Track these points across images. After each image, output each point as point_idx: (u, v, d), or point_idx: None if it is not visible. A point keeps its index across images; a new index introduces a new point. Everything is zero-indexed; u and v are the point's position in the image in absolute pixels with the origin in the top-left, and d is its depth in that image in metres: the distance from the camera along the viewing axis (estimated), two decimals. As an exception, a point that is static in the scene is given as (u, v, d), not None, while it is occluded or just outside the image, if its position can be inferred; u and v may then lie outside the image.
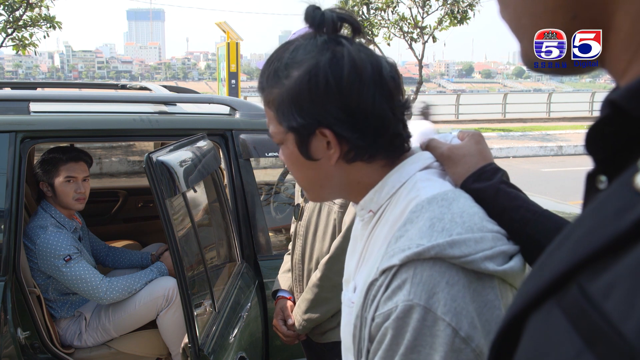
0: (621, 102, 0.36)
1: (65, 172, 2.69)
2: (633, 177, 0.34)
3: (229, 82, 12.06)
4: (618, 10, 0.39)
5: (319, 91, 0.85)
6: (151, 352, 2.73)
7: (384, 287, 0.82)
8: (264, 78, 0.92)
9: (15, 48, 11.12)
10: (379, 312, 0.82)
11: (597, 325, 0.32)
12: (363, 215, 0.96)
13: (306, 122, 0.87)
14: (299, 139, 0.89)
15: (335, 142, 0.88)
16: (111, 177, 5.36)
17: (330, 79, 0.85)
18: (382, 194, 0.93)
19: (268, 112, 0.93)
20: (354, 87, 0.85)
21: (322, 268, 1.81)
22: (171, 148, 1.88)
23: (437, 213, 0.82)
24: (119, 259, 3.15)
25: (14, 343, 2.11)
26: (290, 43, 0.91)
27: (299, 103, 0.87)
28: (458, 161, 0.96)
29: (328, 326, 1.87)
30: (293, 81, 0.87)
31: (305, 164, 0.92)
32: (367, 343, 0.86)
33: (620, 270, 0.32)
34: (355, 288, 0.95)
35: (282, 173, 3.72)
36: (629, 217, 0.33)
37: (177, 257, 1.69)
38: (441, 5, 14.73)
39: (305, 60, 0.87)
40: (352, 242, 1.08)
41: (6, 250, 2.17)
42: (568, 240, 0.40)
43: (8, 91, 3.16)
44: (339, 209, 1.79)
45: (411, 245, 0.80)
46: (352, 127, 0.86)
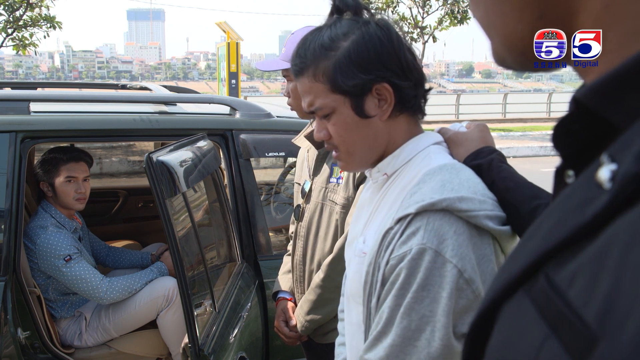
0: (584, 100, 0.37)
1: (66, 172, 2.69)
2: (596, 171, 0.35)
3: (229, 82, 12.06)
4: (581, 10, 0.41)
5: (377, 50, 1.00)
6: (151, 352, 2.73)
7: (399, 233, 0.94)
8: (306, 57, 1.05)
9: (15, 48, 11.12)
10: (394, 255, 0.95)
11: (561, 312, 0.33)
12: (377, 178, 1.10)
13: (369, 78, 1.01)
14: (354, 100, 1.03)
15: (390, 94, 1.02)
16: (111, 177, 5.36)
17: (384, 40, 1.01)
18: (399, 159, 1.07)
19: (315, 86, 1.05)
20: (400, 48, 1.02)
21: (325, 269, 1.80)
22: (171, 148, 1.88)
23: (447, 177, 0.96)
24: (119, 259, 3.15)
25: (14, 343, 2.11)
26: (317, 29, 1.07)
27: (360, 63, 1.01)
28: (461, 144, 1.11)
29: (330, 327, 1.86)
30: (347, 48, 1.01)
31: (358, 125, 1.05)
32: (379, 286, 0.97)
33: (583, 259, 0.34)
34: (365, 240, 1.07)
35: (282, 173, 3.72)
36: (590, 209, 0.34)
37: (177, 257, 1.69)
38: (441, 5, 14.74)
39: (350, 32, 1.02)
40: (358, 210, 1.21)
41: (6, 250, 2.17)
42: (537, 232, 0.41)
43: (8, 91, 3.16)
44: (340, 210, 1.79)
45: (425, 198, 0.93)
46: (405, 78, 1.02)
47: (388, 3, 14.67)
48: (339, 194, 1.79)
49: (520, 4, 0.44)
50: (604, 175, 0.34)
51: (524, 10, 0.44)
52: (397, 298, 0.93)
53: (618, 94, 0.35)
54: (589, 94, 0.37)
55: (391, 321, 0.94)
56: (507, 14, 0.45)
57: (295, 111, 1.92)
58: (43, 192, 2.72)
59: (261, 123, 2.72)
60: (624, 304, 0.29)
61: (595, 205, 0.34)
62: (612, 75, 0.35)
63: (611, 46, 0.39)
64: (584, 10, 0.40)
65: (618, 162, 0.33)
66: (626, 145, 0.33)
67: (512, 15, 0.45)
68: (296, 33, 1.90)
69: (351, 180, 1.77)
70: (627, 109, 0.34)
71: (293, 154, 2.75)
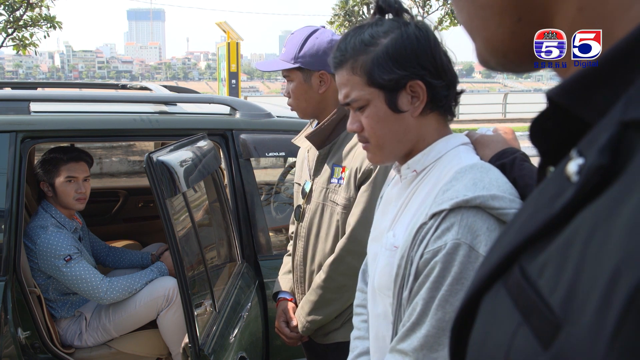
0: (555, 98, 0.39)
1: (66, 172, 2.69)
2: (565, 166, 0.37)
3: (229, 82, 12.06)
4: (557, 13, 0.42)
5: (414, 48, 1.05)
6: (151, 352, 2.73)
7: (433, 228, 0.98)
8: (346, 51, 1.10)
9: (15, 48, 11.13)
10: (428, 249, 0.98)
11: (532, 300, 0.35)
12: (407, 174, 1.13)
13: (405, 73, 1.05)
14: (388, 94, 1.08)
15: (423, 92, 1.06)
16: (111, 177, 5.36)
17: (422, 40, 1.06)
18: (429, 157, 1.11)
19: (352, 79, 1.10)
20: (436, 49, 1.07)
21: (327, 270, 1.79)
22: (171, 148, 1.88)
23: (478, 175, 1.00)
24: (119, 259, 3.15)
25: (14, 343, 2.11)
26: (359, 27, 1.12)
27: (397, 59, 1.05)
28: (487, 145, 1.16)
29: (331, 327, 1.86)
30: (386, 44, 1.06)
31: (390, 119, 1.09)
32: (412, 279, 1.01)
33: (551, 250, 0.36)
34: (395, 235, 1.11)
35: (282, 173, 3.72)
36: (559, 202, 0.36)
37: (177, 257, 1.69)
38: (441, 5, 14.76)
39: (390, 31, 1.07)
40: (383, 206, 1.25)
41: (6, 250, 2.17)
42: (513, 225, 0.44)
43: (8, 91, 3.16)
44: (342, 210, 1.78)
45: (458, 195, 0.97)
46: (438, 78, 1.07)
47: (388, 3, 14.67)
48: (340, 195, 1.79)
49: (499, 9, 0.46)
50: (572, 169, 0.35)
51: (503, 14, 0.46)
52: (431, 290, 0.97)
53: (586, 92, 0.36)
54: (559, 92, 0.38)
55: (425, 313, 0.97)
56: (487, 18, 0.47)
57: (295, 111, 1.91)
58: (43, 192, 2.72)
59: (261, 123, 2.72)
60: (584, 291, 0.31)
61: (563, 198, 0.36)
62: (580, 74, 0.37)
63: None
64: (559, 14, 0.42)
65: (585, 156, 0.35)
66: (593, 141, 0.34)
67: (493, 20, 0.47)
68: (296, 33, 1.89)
69: (352, 181, 1.77)
70: (595, 107, 0.36)
71: (293, 154, 2.75)
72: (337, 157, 1.83)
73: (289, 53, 1.84)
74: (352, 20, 16.98)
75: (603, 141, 0.33)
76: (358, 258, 1.75)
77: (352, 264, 1.75)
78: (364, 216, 1.72)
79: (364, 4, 14.75)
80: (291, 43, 1.85)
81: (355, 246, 1.74)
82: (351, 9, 16.98)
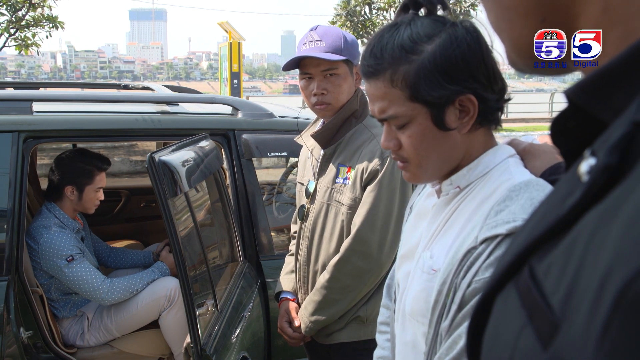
0: (573, 97, 0.38)
1: (99, 182, 2.77)
2: (579, 165, 0.36)
3: (231, 82, 12.07)
4: (581, 14, 0.42)
5: (466, 58, 0.92)
6: (153, 352, 2.73)
7: (485, 254, 0.87)
8: (383, 59, 0.95)
9: (17, 48, 11.14)
10: (478, 278, 0.87)
11: (536, 300, 0.36)
12: (448, 191, 1.01)
13: (456, 89, 0.92)
14: (435, 111, 0.94)
15: (475, 107, 0.94)
16: (113, 177, 5.37)
17: (473, 46, 0.92)
18: (475, 171, 0.99)
19: (391, 92, 0.95)
20: (488, 54, 0.94)
21: (331, 270, 1.78)
22: (173, 148, 1.88)
23: (535, 194, 0.88)
24: (121, 260, 3.16)
25: (16, 342, 2.11)
26: (393, 26, 0.96)
27: (447, 71, 0.92)
28: (538, 156, 1.04)
29: (334, 327, 1.85)
30: (432, 53, 0.92)
31: (436, 138, 0.96)
32: (455, 309, 0.90)
33: (558, 251, 0.36)
34: (433, 256, 1.00)
35: (284, 173, 3.73)
36: (569, 202, 0.36)
37: (179, 257, 1.69)
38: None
39: (435, 34, 0.93)
40: (415, 219, 1.14)
41: (9, 250, 2.18)
42: (527, 226, 0.44)
43: (11, 91, 3.17)
44: (347, 210, 1.77)
45: (516, 219, 0.85)
46: (490, 90, 0.95)
47: (390, 3, 14.67)
48: (345, 195, 1.78)
49: (524, 10, 0.46)
50: (583, 169, 0.35)
51: (527, 15, 0.46)
52: None
53: (604, 91, 0.36)
54: (577, 91, 0.38)
55: None
56: (513, 20, 0.47)
57: (328, 110, 1.80)
58: (61, 193, 2.70)
59: (263, 123, 2.72)
60: (582, 289, 0.31)
61: (572, 199, 0.36)
62: (598, 73, 0.36)
63: (610, 48, 0.40)
64: (583, 14, 0.42)
65: (597, 156, 0.34)
66: (606, 141, 0.34)
67: (518, 21, 0.47)
68: (327, 28, 1.83)
69: (358, 181, 1.76)
70: (612, 106, 0.35)
71: (295, 154, 2.75)
72: (343, 157, 1.82)
73: (333, 46, 1.75)
74: (353, 20, 16.97)
75: (613, 141, 0.32)
76: (363, 258, 1.75)
77: (357, 264, 1.75)
78: (369, 216, 1.72)
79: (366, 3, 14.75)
80: (331, 37, 1.76)
81: (360, 246, 1.74)
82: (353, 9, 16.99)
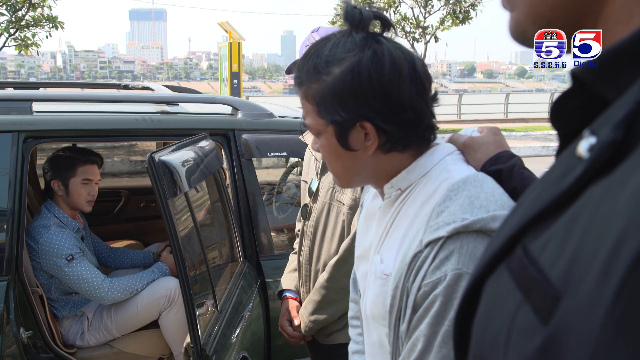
0: (580, 74, 0.38)
1: (83, 173, 2.73)
2: (577, 145, 0.36)
3: (231, 82, 12.07)
4: None
5: (362, 88, 0.91)
6: (153, 352, 2.73)
7: (430, 257, 0.88)
8: (302, 73, 0.97)
9: (17, 48, 11.14)
10: (427, 281, 0.88)
11: (533, 276, 0.35)
12: (391, 193, 1.01)
13: (349, 117, 0.93)
14: (338, 132, 0.95)
15: (374, 134, 0.94)
16: (113, 177, 5.37)
17: (373, 75, 0.90)
18: (414, 173, 0.99)
19: (306, 105, 0.98)
20: (394, 83, 0.91)
21: (330, 270, 1.79)
22: (173, 148, 1.88)
23: (474, 192, 0.89)
24: (121, 260, 3.16)
25: (16, 342, 2.11)
26: (327, 39, 0.96)
27: (342, 99, 0.92)
28: (478, 149, 1.06)
29: (334, 328, 1.85)
30: (335, 78, 0.92)
31: (342, 154, 0.98)
32: (410, 312, 0.91)
33: (556, 227, 0.35)
34: (383, 260, 1.00)
35: (284, 173, 3.73)
36: (568, 179, 0.35)
37: (179, 257, 1.69)
38: (443, 5, 14.73)
39: (346, 58, 0.92)
40: (365, 220, 1.15)
41: (9, 250, 2.17)
42: (519, 208, 0.43)
43: (11, 91, 3.17)
44: (348, 211, 1.77)
45: (456, 219, 0.86)
46: (391, 120, 0.93)
47: (390, 3, 14.66)
48: (346, 195, 1.78)
49: None
50: (583, 148, 0.35)
51: None
52: (433, 326, 0.88)
53: (613, 69, 0.36)
54: (585, 69, 0.37)
55: (428, 350, 0.89)
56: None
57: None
58: (52, 190, 2.72)
59: (263, 123, 2.72)
60: (584, 261, 0.30)
61: (572, 175, 0.35)
62: (607, 51, 0.36)
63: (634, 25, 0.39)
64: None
65: (598, 134, 0.34)
66: (607, 119, 0.34)
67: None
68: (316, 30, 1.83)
69: None
70: (619, 84, 0.35)
71: (295, 153, 2.75)
72: None
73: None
74: (353, 20, 16.93)
75: (618, 117, 0.32)
76: None
77: None
78: None
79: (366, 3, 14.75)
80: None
81: None
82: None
